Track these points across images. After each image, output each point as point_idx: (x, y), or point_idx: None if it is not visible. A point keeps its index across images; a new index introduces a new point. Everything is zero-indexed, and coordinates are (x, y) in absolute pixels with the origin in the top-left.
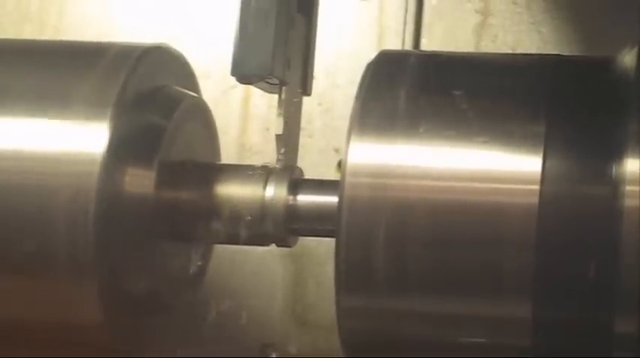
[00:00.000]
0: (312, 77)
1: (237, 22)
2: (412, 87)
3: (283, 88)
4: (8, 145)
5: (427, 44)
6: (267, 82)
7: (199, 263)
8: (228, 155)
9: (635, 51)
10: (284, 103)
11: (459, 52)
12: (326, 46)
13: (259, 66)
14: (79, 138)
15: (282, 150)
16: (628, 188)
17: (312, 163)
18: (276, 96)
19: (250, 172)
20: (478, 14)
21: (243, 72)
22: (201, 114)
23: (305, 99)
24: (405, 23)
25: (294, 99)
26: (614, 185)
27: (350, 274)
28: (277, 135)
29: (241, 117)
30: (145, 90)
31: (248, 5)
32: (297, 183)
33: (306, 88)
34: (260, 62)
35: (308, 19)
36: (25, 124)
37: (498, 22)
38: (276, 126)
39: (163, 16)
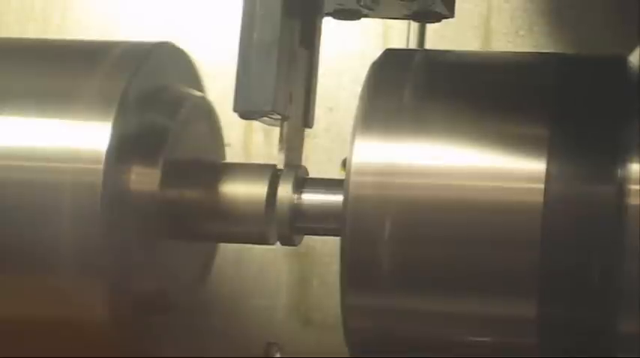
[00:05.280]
0: (314, 110)
1: (238, 55)
2: (417, 86)
3: (285, 122)
4: (13, 143)
5: None
6: (269, 117)
7: (204, 261)
8: (232, 154)
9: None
10: (285, 137)
11: (464, 51)
12: (331, 46)
13: (261, 102)
14: (83, 136)
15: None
16: (632, 187)
17: (317, 162)
18: None
19: (255, 171)
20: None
21: (246, 108)
22: (206, 113)
23: None
24: (409, 22)
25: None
26: (619, 184)
27: (355, 273)
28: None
29: None
30: (150, 88)
31: (250, 38)
32: (302, 182)
33: (307, 122)
34: (262, 98)
35: (310, 51)
36: (29, 122)
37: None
38: (278, 160)
39: (168, 15)
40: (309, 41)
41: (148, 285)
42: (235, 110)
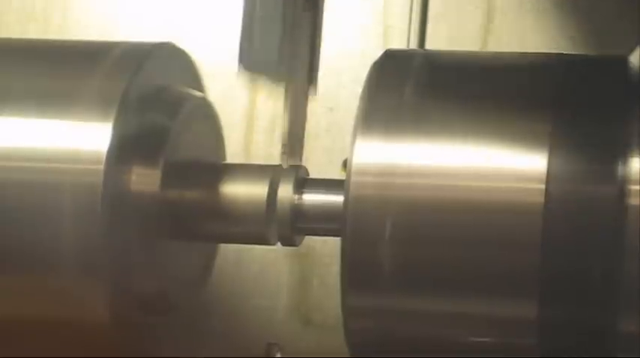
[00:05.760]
0: (317, 69)
1: (243, 8)
2: (417, 86)
3: (289, 86)
4: (14, 144)
5: None
6: (273, 77)
7: (204, 262)
8: (233, 154)
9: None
10: (289, 103)
11: (464, 51)
12: (331, 46)
13: (266, 55)
14: (84, 137)
15: (287, 151)
16: (633, 187)
17: (318, 163)
18: (281, 95)
19: (256, 171)
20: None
21: (250, 59)
22: (207, 114)
23: (310, 98)
24: (410, 22)
25: (300, 100)
26: (620, 184)
27: (355, 274)
28: (283, 137)
29: (246, 117)
30: (151, 89)
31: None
32: (303, 183)
33: (312, 79)
34: (267, 52)
35: (314, 12)
36: (29, 123)
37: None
38: (282, 125)
39: (168, 15)
40: (313, 2)
41: (149, 286)
42: (241, 62)
